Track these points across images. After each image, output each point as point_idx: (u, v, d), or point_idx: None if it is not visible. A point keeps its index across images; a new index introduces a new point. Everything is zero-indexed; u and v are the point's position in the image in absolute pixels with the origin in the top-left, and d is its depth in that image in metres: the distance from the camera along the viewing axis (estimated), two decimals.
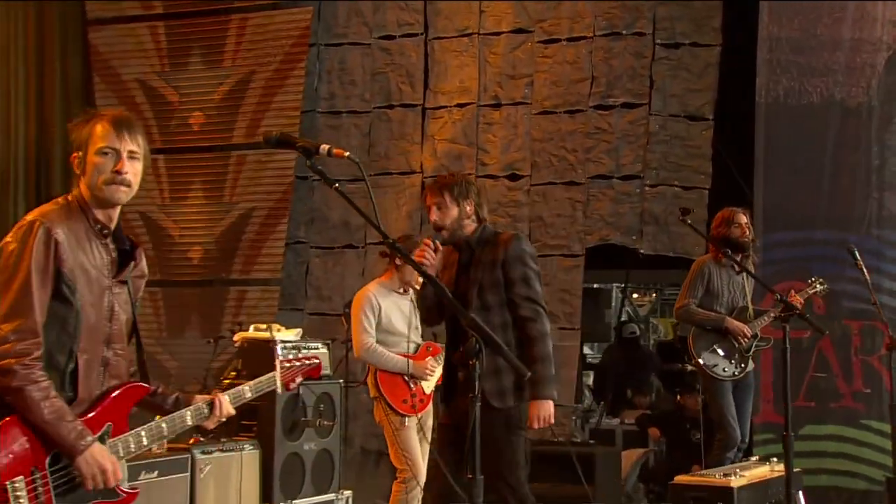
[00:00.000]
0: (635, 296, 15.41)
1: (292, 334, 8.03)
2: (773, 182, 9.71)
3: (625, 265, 10.67)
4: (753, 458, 5.72)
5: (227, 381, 7.92)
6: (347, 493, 8.21)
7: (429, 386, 7.27)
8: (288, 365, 4.37)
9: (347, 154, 4.09)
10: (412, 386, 7.15)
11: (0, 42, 11.81)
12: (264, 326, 8.02)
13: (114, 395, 3.79)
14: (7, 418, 3.50)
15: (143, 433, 3.81)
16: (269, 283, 11.16)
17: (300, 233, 11.26)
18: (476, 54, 10.73)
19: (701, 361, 8.07)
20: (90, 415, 3.70)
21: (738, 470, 5.20)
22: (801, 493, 5.64)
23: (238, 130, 11.37)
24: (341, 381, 8.29)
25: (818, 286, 8.18)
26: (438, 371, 7.30)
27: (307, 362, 4.45)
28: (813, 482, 9.18)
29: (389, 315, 7.25)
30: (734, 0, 10.08)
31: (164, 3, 11.67)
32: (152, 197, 11.53)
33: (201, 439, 7.39)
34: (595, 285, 12.54)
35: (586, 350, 12.56)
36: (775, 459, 5.81)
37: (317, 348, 7.95)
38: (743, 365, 8.09)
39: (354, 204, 4.13)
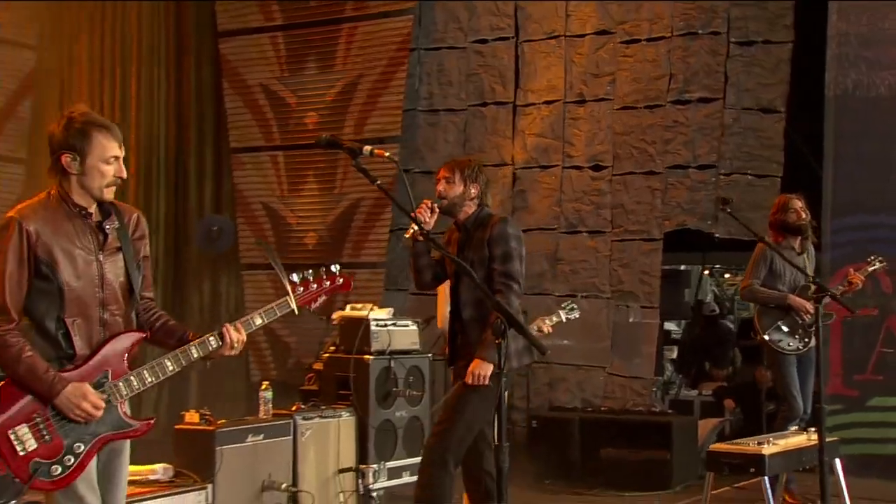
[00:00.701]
0: (727, 276, 15.14)
1: (384, 313, 8.05)
2: (842, 171, 9.50)
3: (701, 248, 10.49)
4: (793, 429, 5.54)
5: (327, 355, 8.05)
6: None
7: None
8: (303, 289, 4.28)
9: (387, 154, 4.30)
10: None
11: (146, 55, 12.28)
12: (360, 306, 8.08)
13: (105, 345, 3.97)
14: (3, 381, 3.85)
15: (144, 371, 4.00)
16: (376, 266, 11.26)
17: (403, 220, 11.16)
18: (562, 55, 10.65)
19: (766, 337, 7.93)
20: (85, 366, 3.92)
21: (771, 439, 5.05)
22: (837, 460, 5.45)
23: (347, 128, 11.45)
24: (430, 355, 8.23)
25: (877, 263, 7.94)
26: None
27: (328, 284, 4.35)
28: (880, 451, 9.06)
29: None
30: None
31: (283, 15, 11.83)
32: (272, 189, 11.79)
33: (303, 406, 7.56)
34: (682, 267, 12.33)
35: (671, 327, 12.37)
36: (812, 429, 5.63)
37: (406, 325, 8.03)
38: (806, 340, 7.88)
39: (392, 197, 4.21)
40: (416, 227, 5.09)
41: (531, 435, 9.67)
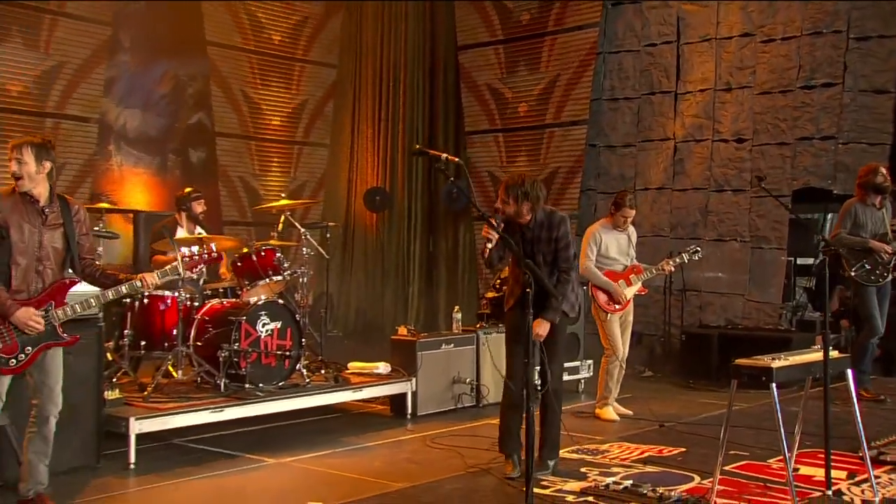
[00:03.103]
0: None
1: None
2: None
3: (824, 200, 10.26)
4: (815, 347, 5.45)
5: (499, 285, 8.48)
6: (589, 361, 8.54)
7: (628, 294, 7.31)
8: (188, 259, 4.80)
9: (457, 159, 4.60)
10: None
11: (409, 66, 12.99)
12: None
13: (49, 288, 4.58)
14: None
15: (76, 305, 4.61)
16: (571, 218, 11.05)
17: (591, 183, 11.49)
18: (713, 53, 10.55)
19: (853, 273, 7.92)
20: (37, 299, 4.55)
21: (784, 356, 4.99)
22: (850, 371, 5.39)
23: (549, 114, 11.66)
24: (584, 287, 8.18)
25: None
26: (636, 286, 7.36)
27: (206, 255, 4.87)
28: None
29: (608, 245, 7.31)
30: None
31: (503, 32, 12.11)
32: (495, 161, 12.16)
33: (485, 325, 8.03)
34: (816, 215, 11.96)
35: (808, 261, 11.96)
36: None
37: None
38: (885, 275, 7.94)
39: (463, 190, 4.58)
40: (490, 245, 5.25)
41: (682, 346, 9.82)
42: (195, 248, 4.84)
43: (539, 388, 5.22)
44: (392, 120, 12.93)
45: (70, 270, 4.73)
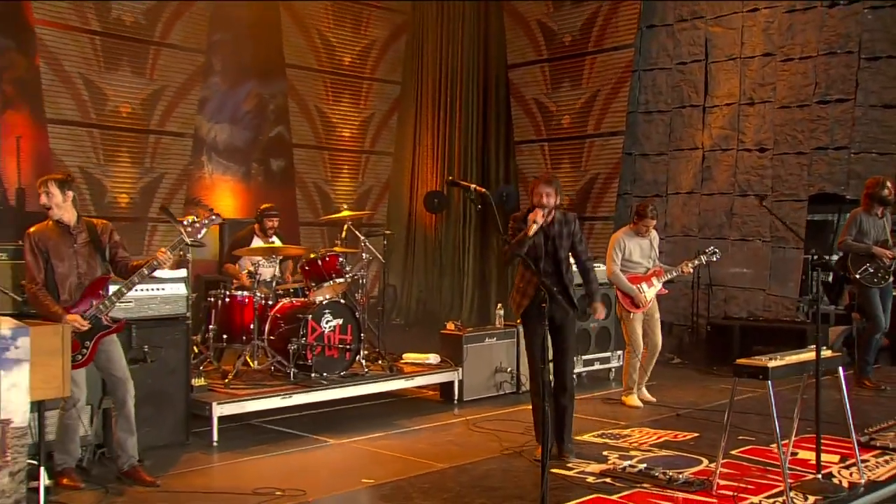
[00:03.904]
0: None
1: None
2: None
3: (837, 204, 10.16)
4: (810, 347, 5.44)
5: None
6: (619, 352, 8.58)
7: (650, 295, 7.36)
8: (190, 228, 4.90)
9: (484, 190, 4.85)
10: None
11: (464, 83, 13.00)
12: None
13: (89, 288, 4.85)
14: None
15: (112, 296, 4.85)
16: (608, 219, 11.46)
17: (627, 188, 11.50)
18: (738, 71, 10.49)
19: (857, 276, 7.93)
20: (79, 303, 4.82)
21: (780, 356, 4.88)
22: (841, 368, 5.41)
23: (589, 125, 11.66)
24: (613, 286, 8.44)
25: None
26: (657, 287, 7.41)
27: (206, 221, 4.96)
28: None
29: (631, 250, 7.39)
30: None
31: (548, 51, 12.16)
32: (540, 167, 12.18)
33: None
34: (830, 217, 11.84)
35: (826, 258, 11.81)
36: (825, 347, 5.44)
37: (600, 266, 8.21)
38: (887, 277, 7.95)
39: (496, 214, 4.78)
40: (535, 226, 5.42)
41: (707, 336, 9.84)
42: (196, 217, 4.98)
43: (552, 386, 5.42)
44: (449, 130, 13.06)
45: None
